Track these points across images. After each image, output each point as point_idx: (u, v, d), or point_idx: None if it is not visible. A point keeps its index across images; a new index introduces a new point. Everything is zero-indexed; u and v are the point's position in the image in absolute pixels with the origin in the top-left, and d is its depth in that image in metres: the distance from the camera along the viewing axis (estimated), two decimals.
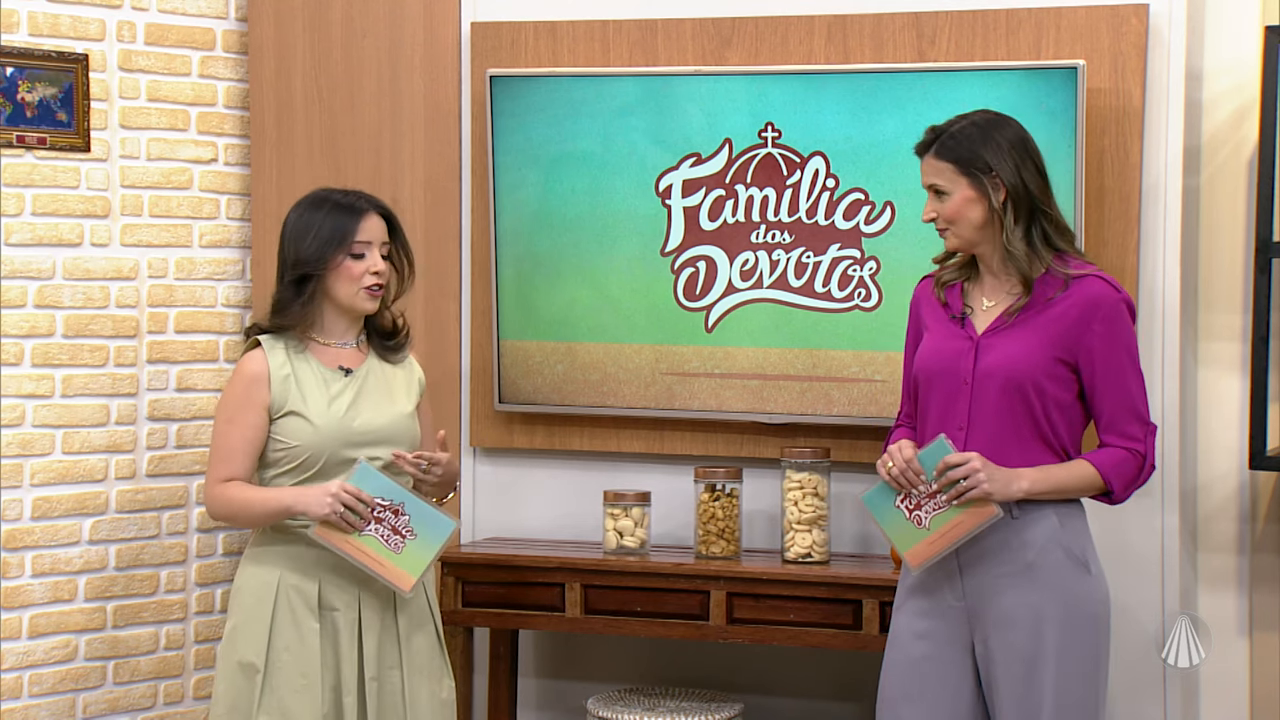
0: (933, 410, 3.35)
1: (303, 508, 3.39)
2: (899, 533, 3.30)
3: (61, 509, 4.26)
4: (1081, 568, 3.30)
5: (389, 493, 3.41)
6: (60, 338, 4.27)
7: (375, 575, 3.41)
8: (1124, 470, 3.30)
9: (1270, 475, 4.01)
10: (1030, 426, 3.28)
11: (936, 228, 3.35)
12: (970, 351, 3.31)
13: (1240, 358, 4.01)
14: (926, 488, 3.26)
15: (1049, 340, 3.28)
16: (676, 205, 4.25)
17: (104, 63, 4.33)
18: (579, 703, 4.41)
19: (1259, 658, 4.05)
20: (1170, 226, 3.97)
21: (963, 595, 3.31)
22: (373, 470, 3.41)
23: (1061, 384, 3.29)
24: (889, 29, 4.12)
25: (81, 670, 4.29)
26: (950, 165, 3.30)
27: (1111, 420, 3.30)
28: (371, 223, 3.51)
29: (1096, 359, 3.28)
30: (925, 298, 3.45)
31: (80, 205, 4.31)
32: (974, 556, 3.30)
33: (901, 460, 3.26)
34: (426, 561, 3.42)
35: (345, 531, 3.39)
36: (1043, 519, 3.28)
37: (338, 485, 3.38)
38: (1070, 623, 3.27)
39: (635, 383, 4.30)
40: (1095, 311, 3.27)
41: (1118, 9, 3.95)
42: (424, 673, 3.50)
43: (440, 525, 3.43)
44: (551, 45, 4.36)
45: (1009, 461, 3.26)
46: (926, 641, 3.33)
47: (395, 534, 3.41)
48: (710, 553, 4.13)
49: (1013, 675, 3.27)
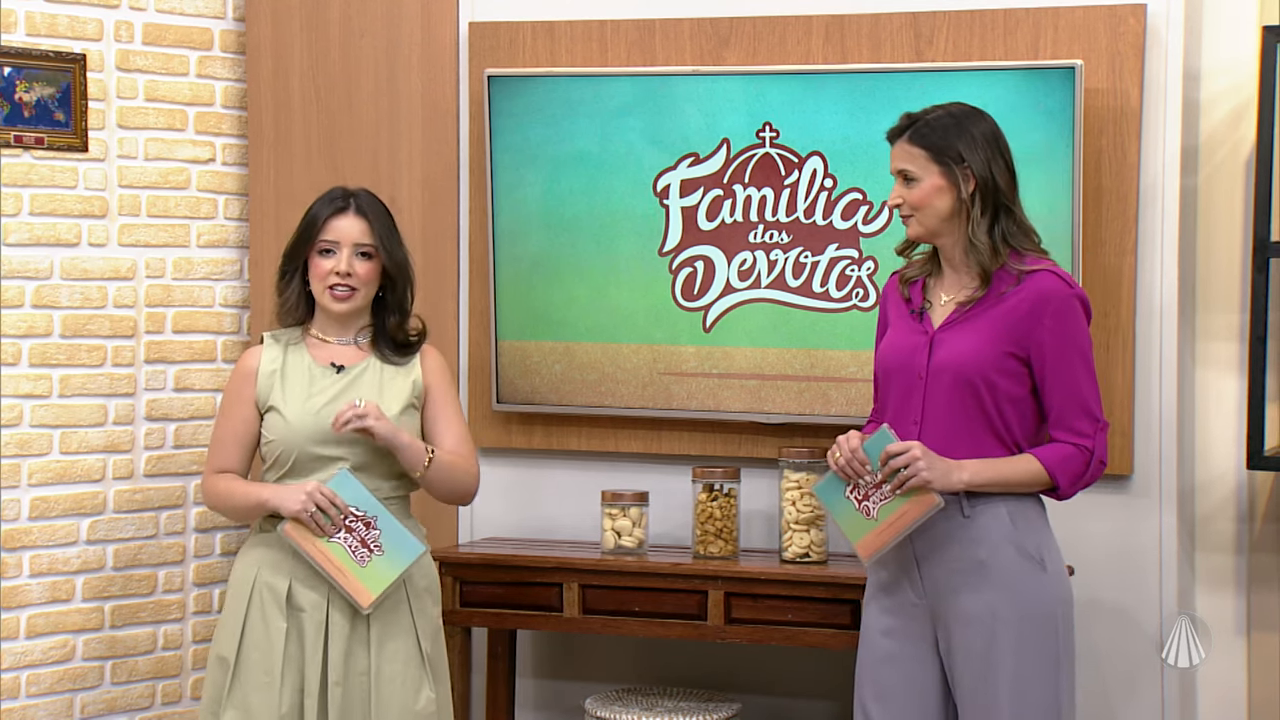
0: (890, 404, 3.37)
1: (277, 503, 3.40)
2: (849, 523, 3.32)
3: (59, 509, 4.26)
4: (1036, 566, 3.28)
5: (365, 504, 3.41)
6: (58, 338, 4.27)
7: (336, 585, 3.41)
8: (1069, 466, 3.28)
9: (1268, 475, 4.01)
10: (982, 421, 3.28)
11: (901, 214, 3.35)
12: (925, 346, 3.32)
13: (1238, 357, 4.01)
14: (873, 478, 3.27)
15: (999, 334, 3.27)
16: (674, 205, 4.25)
17: (101, 63, 4.33)
18: (577, 703, 4.41)
19: (1257, 658, 4.05)
20: (1168, 226, 3.97)
21: (923, 593, 3.32)
22: (352, 479, 3.41)
23: (1013, 378, 3.28)
24: (887, 29, 4.12)
25: (79, 670, 4.29)
26: (923, 152, 3.30)
27: (1060, 416, 3.29)
28: (343, 222, 3.50)
29: (1047, 354, 3.27)
30: (891, 293, 3.47)
31: (78, 205, 4.30)
32: (929, 553, 3.30)
33: (847, 450, 3.27)
34: (389, 580, 3.41)
35: (314, 534, 3.39)
36: (994, 516, 3.27)
37: (315, 485, 3.38)
38: (1025, 622, 3.25)
39: (633, 382, 4.30)
40: (1046, 306, 3.26)
41: (1115, 9, 3.95)
42: (397, 681, 3.46)
43: (409, 547, 3.43)
44: (549, 45, 4.36)
45: (959, 455, 3.26)
46: (892, 639, 3.33)
47: (363, 546, 3.41)
48: (708, 553, 4.13)
49: (970, 674, 3.27)
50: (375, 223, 3.51)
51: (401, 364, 3.56)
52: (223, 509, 3.55)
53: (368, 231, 3.50)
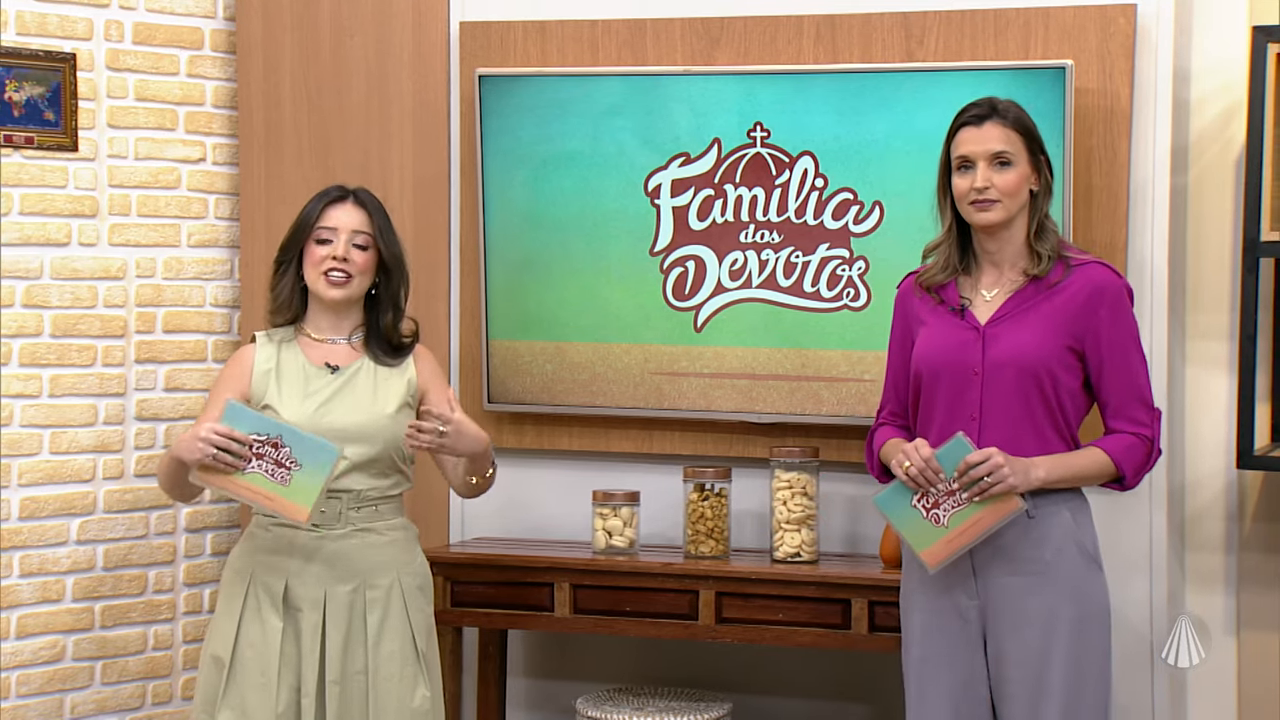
0: (940, 403, 3.34)
1: (178, 453, 3.35)
2: (915, 532, 3.29)
3: (49, 509, 4.25)
4: (1094, 564, 3.32)
5: (263, 427, 3.33)
6: (48, 337, 4.26)
7: (268, 511, 3.37)
8: (1134, 455, 3.31)
9: (1258, 474, 4.02)
10: (1045, 414, 3.29)
11: (984, 198, 3.30)
12: (976, 342, 3.32)
13: (1228, 357, 4.02)
14: (945, 486, 3.25)
15: (1057, 327, 3.29)
16: (665, 205, 4.25)
17: (92, 62, 4.33)
18: (568, 702, 4.41)
19: (1246, 657, 4.06)
20: (1158, 226, 3.98)
21: (976, 594, 3.31)
22: (242, 407, 3.35)
23: (1071, 371, 3.31)
24: (877, 29, 4.12)
25: (69, 670, 4.29)
26: (1020, 138, 3.32)
27: (1120, 406, 3.31)
28: (341, 210, 3.50)
29: (1104, 345, 3.30)
30: (910, 295, 3.45)
31: (68, 205, 4.30)
32: (989, 556, 3.29)
33: (920, 459, 3.25)
34: (317, 489, 3.33)
35: (227, 473, 3.33)
36: (1057, 515, 3.29)
37: (207, 427, 3.31)
38: (1082, 620, 3.28)
39: (624, 382, 4.30)
40: (1101, 297, 3.30)
41: (1105, 9, 3.96)
42: (394, 680, 3.47)
43: (324, 452, 3.34)
44: (540, 45, 4.36)
45: (1025, 450, 3.27)
46: (941, 640, 3.33)
47: (279, 466, 3.33)
48: (699, 552, 4.13)
49: (1023, 674, 3.27)
50: (374, 214, 3.53)
51: (394, 364, 3.56)
52: (161, 484, 3.50)
53: (366, 221, 3.51)
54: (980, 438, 3.27)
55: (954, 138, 3.36)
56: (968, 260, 3.39)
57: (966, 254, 3.39)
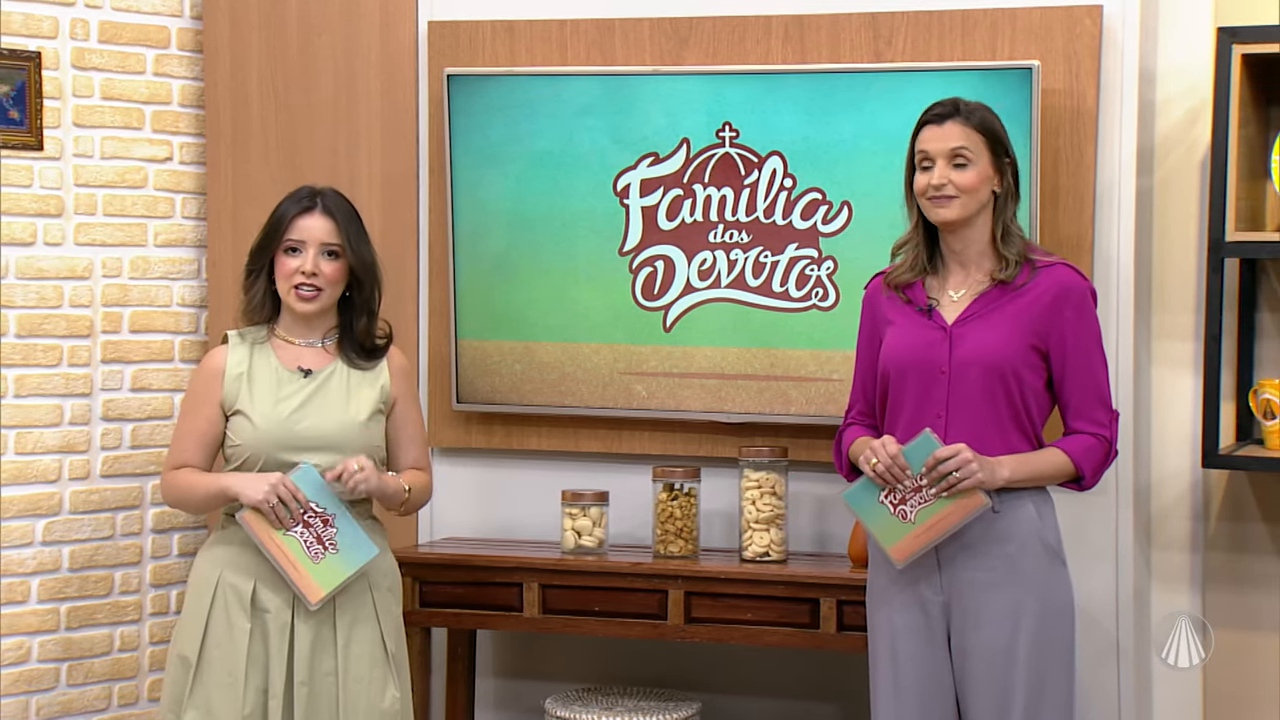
0: (907, 401, 3.37)
1: (239, 489, 3.40)
2: (883, 528, 3.32)
3: (14, 510, 4.23)
4: (1057, 560, 3.35)
5: (326, 501, 3.42)
6: (13, 337, 4.24)
7: (287, 578, 3.42)
8: (1093, 456, 3.35)
9: (1223, 474, 4.04)
10: (1009, 413, 3.32)
11: (941, 194, 3.33)
12: (943, 341, 3.34)
13: (1193, 356, 4.04)
14: (912, 482, 3.27)
15: (1023, 328, 3.32)
16: (634, 205, 4.25)
17: (57, 60, 4.30)
18: (537, 703, 4.40)
19: (1212, 655, 4.08)
20: (1124, 226, 4.00)
21: (941, 589, 3.33)
22: (315, 474, 3.42)
23: (1035, 371, 3.34)
24: (846, 29, 4.13)
25: (35, 672, 4.26)
26: (982, 137, 3.35)
27: (1080, 407, 3.35)
28: (309, 221, 3.49)
29: (1068, 346, 3.33)
30: (877, 295, 3.48)
31: (33, 204, 4.27)
32: (954, 551, 3.32)
33: (887, 456, 3.28)
34: (341, 579, 3.42)
35: (272, 525, 3.39)
36: (1022, 510, 3.32)
37: (279, 477, 3.39)
38: (1045, 615, 3.31)
39: (593, 382, 4.30)
40: (1066, 299, 3.33)
41: (1072, 10, 3.98)
42: (363, 681, 3.47)
43: (363, 548, 3.44)
44: (509, 44, 4.36)
45: (989, 449, 3.30)
46: (908, 638, 3.35)
47: (319, 543, 3.41)
48: (668, 552, 4.13)
49: (987, 669, 3.29)
50: (342, 222, 3.51)
51: (368, 368, 3.55)
52: (183, 501, 3.53)
53: (334, 231, 3.49)
54: (946, 436, 3.30)
55: (917, 135, 3.40)
56: (935, 260, 3.42)
57: (934, 254, 3.42)
